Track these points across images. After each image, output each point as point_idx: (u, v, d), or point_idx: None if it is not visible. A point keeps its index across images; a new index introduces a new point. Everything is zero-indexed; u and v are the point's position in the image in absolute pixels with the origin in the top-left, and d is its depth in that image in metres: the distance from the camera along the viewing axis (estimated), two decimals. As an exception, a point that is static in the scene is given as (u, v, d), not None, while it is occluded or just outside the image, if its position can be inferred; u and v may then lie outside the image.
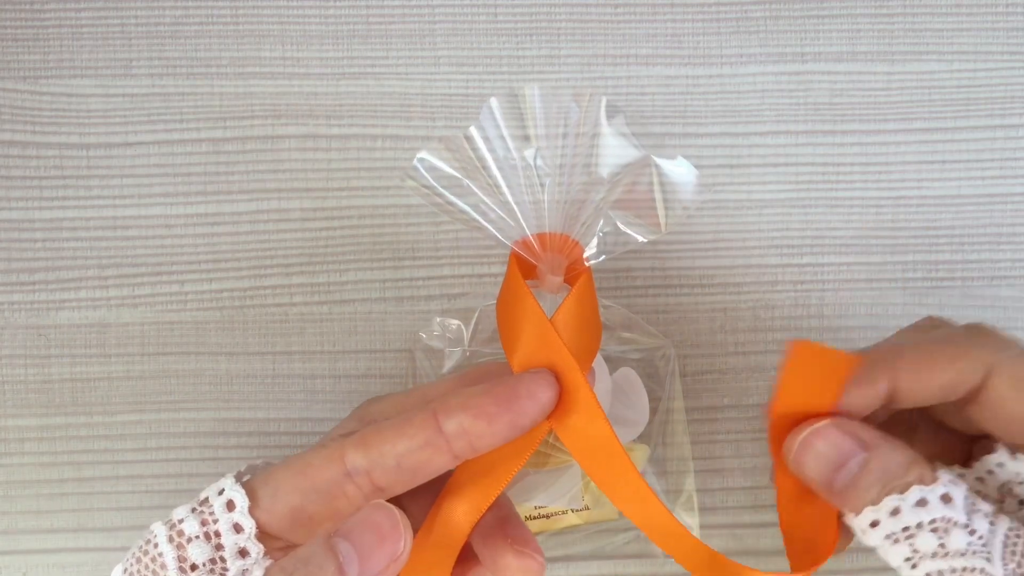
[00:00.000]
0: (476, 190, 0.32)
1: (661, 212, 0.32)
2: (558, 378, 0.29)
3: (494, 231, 0.32)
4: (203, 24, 0.39)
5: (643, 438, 0.37)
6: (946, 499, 0.26)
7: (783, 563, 0.39)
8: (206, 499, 0.29)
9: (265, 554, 0.28)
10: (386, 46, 0.40)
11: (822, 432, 0.28)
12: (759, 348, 0.39)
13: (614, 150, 0.32)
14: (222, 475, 0.31)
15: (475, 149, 0.32)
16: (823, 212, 0.40)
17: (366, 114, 0.39)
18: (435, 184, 0.32)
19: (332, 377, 0.39)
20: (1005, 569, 0.25)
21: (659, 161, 0.31)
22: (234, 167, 0.39)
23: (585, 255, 0.32)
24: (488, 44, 0.40)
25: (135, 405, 0.39)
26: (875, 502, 0.26)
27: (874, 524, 0.26)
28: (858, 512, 0.27)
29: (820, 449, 0.28)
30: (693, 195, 0.32)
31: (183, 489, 0.38)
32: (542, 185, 0.32)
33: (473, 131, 0.31)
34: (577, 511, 0.38)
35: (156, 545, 0.28)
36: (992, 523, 0.25)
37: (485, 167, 0.32)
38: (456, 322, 0.37)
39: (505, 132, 0.32)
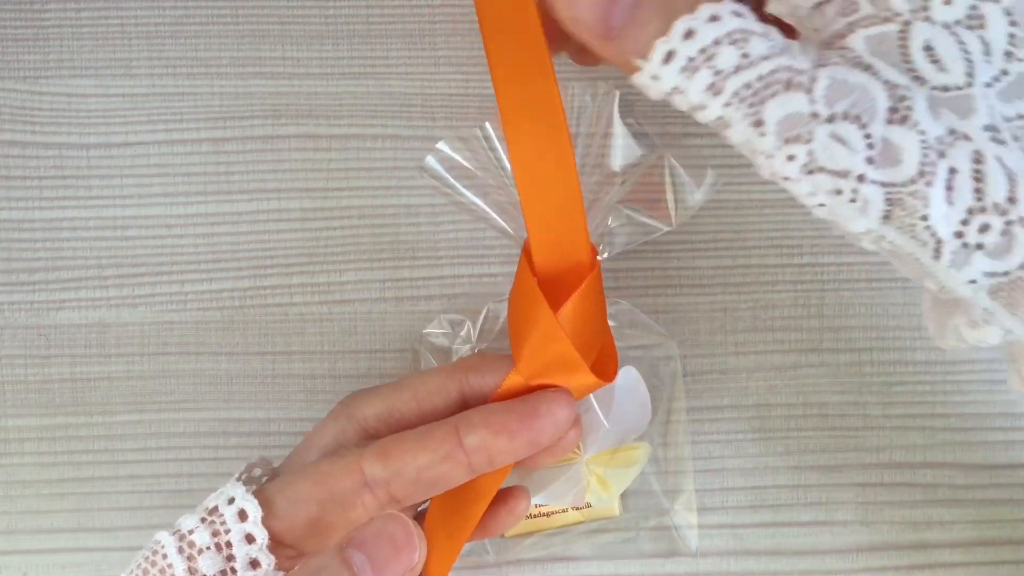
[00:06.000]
0: (491, 186, 0.32)
1: (670, 209, 0.32)
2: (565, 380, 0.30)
3: (507, 227, 0.32)
4: (203, 24, 0.39)
5: (644, 437, 0.37)
6: (738, 13, 0.23)
7: (783, 563, 0.39)
8: (215, 508, 0.29)
9: (276, 565, 0.28)
10: (386, 46, 0.40)
11: None
12: (759, 348, 0.39)
13: (624, 148, 0.32)
14: (222, 475, 0.31)
15: (489, 143, 0.32)
16: (823, 212, 0.40)
17: (366, 114, 0.39)
18: (449, 178, 0.32)
19: (332, 377, 0.39)
20: (809, 59, 0.22)
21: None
22: (234, 167, 0.39)
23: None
24: (488, 44, 0.40)
25: (135, 405, 0.39)
26: (663, 31, 0.23)
27: (668, 58, 0.23)
28: (646, 54, 0.23)
29: None
30: (698, 195, 0.32)
31: (183, 489, 0.38)
32: None
33: (488, 128, 0.32)
34: (576, 509, 0.38)
35: (165, 556, 0.28)
36: (783, 32, 0.23)
37: (500, 161, 0.32)
38: (461, 317, 0.37)
39: None
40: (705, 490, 0.39)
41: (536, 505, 0.38)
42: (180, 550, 0.28)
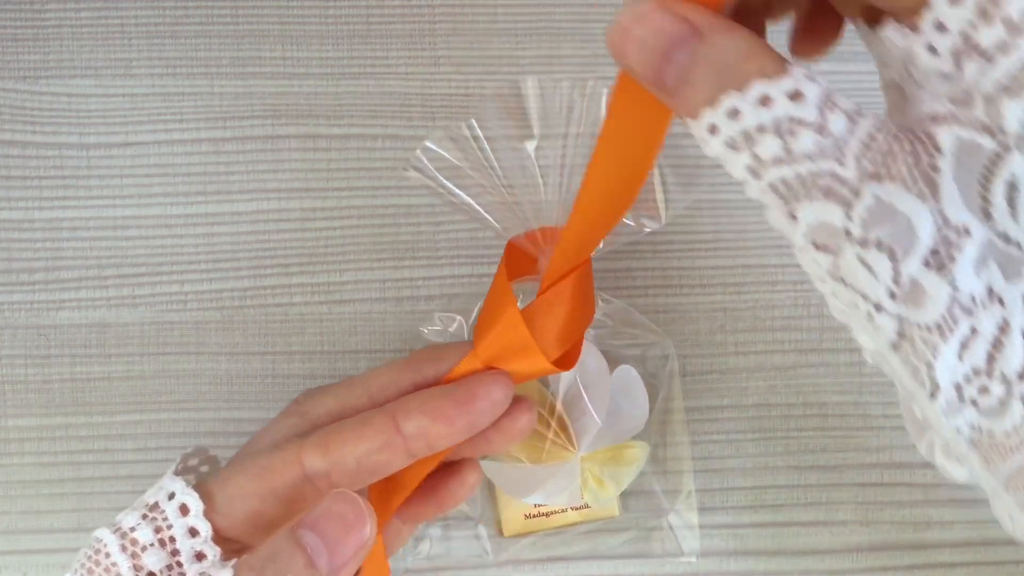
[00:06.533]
0: (480, 183, 0.32)
1: (659, 205, 0.32)
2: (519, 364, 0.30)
3: (497, 225, 0.32)
4: (203, 24, 0.39)
5: (641, 436, 0.37)
6: (795, 96, 0.21)
7: (783, 563, 0.39)
8: (155, 504, 0.29)
9: (223, 556, 0.28)
10: (386, 46, 0.40)
11: (644, 15, 0.23)
12: (759, 348, 0.39)
13: None
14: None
15: (478, 142, 0.32)
16: (823, 212, 0.40)
17: (366, 114, 0.39)
18: (438, 176, 0.32)
19: (332, 377, 0.39)
20: (859, 169, 0.21)
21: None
22: (234, 167, 0.39)
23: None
24: (488, 44, 0.40)
25: (135, 405, 0.39)
26: (711, 102, 0.22)
27: (713, 129, 0.22)
28: (695, 116, 0.22)
29: (641, 35, 0.22)
30: (692, 193, 0.32)
31: (183, 489, 0.38)
32: (544, 179, 0.32)
33: (475, 124, 0.31)
34: (575, 509, 0.38)
35: (108, 555, 0.28)
36: (852, 121, 0.21)
37: (488, 161, 0.32)
38: (457, 317, 0.37)
39: (507, 126, 0.32)
40: (705, 490, 0.39)
41: (536, 505, 0.38)
42: (123, 548, 0.28)
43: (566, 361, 0.32)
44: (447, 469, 0.33)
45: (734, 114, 0.21)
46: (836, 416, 0.39)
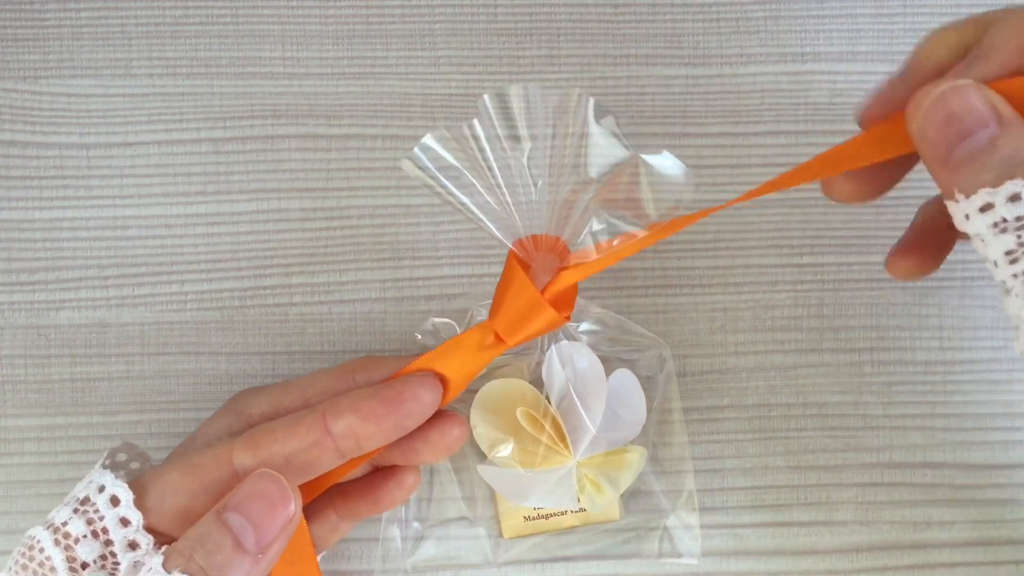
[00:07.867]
0: (477, 186, 0.32)
1: (650, 210, 0.32)
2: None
3: (493, 229, 0.32)
4: (203, 24, 0.39)
5: (639, 438, 0.37)
6: None
7: (783, 563, 0.39)
8: (86, 498, 0.29)
9: (156, 544, 0.29)
10: (386, 46, 0.40)
11: (961, 91, 0.25)
12: (759, 348, 0.39)
13: (604, 151, 0.32)
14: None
15: (477, 145, 0.32)
16: (823, 212, 0.40)
17: (366, 114, 0.39)
18: (437, 175, 0.32)
19: (332, 377, 0.39)
20: None
21: (649, 159, 0.31)
22: (234, 167, 0.39)
23: (574, 258, 0.32)
24: (488, 44, 0.40)
25: (135, 405, 0.39)
26: (993, 184, 0.24)
27: (985, 208, 0.24)
28: (969, 193, 0.24)
29: (953, 107, 0.25)
30: (692, 194, 0.32)
31: (183, 489, 0.38)
32: (535, 186, 0.32)
33: (476, 126, 0.31)
34: (575, 512, 0.38)
35: (42, 550, 0.28)
36: None
37: (485, 165, 0.32)
38: (450, 321, 0.37)
39: (500, 132, 0.32)
40: (705, 490, 0.39)
41: (535, 508, 0.38)
42: (56, 542, 0.28)
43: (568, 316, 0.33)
44: (386, 471, 0.34)
45: (1016, 199, 0.23)
46: (836, 416, 0.39)
